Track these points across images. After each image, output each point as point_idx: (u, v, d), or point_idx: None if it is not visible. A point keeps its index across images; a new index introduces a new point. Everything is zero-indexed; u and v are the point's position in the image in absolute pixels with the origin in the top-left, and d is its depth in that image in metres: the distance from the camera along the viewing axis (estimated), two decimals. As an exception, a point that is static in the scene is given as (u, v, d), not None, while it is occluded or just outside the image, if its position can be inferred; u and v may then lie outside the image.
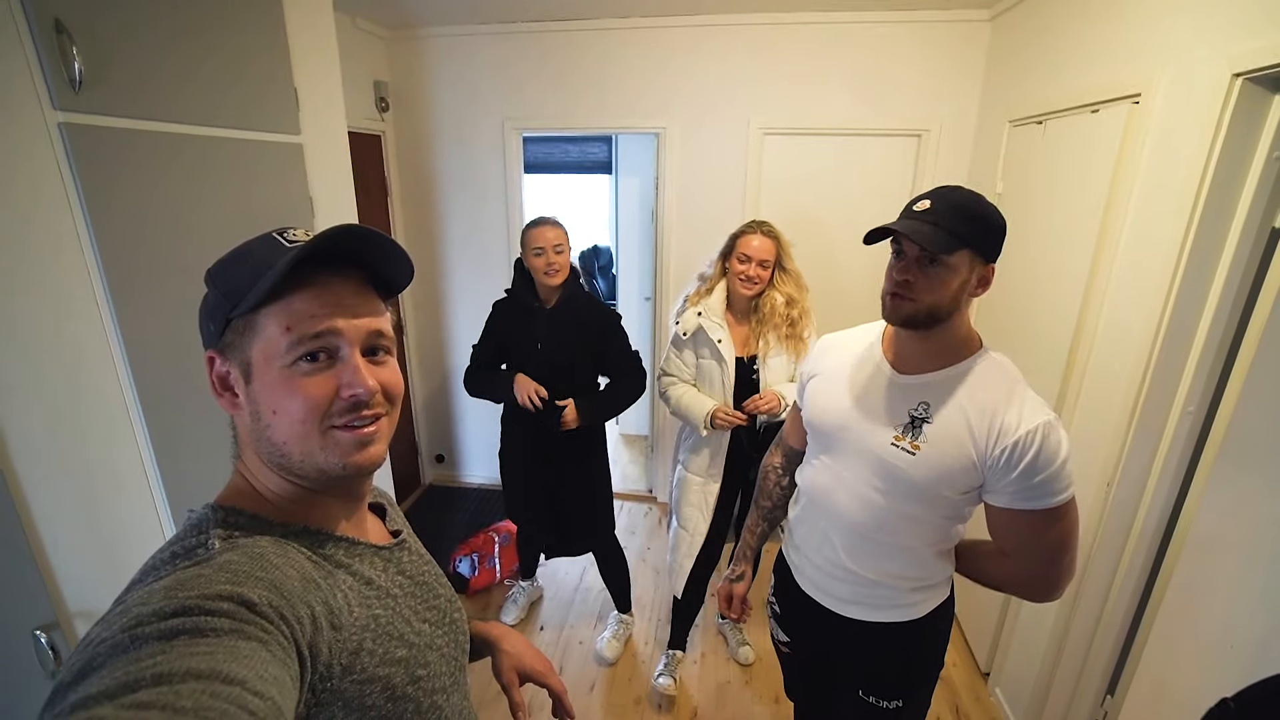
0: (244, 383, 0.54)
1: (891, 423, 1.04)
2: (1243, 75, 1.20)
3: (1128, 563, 1.54)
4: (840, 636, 1.20)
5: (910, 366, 1.05)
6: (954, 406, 0.99)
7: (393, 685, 0.56)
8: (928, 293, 0.95)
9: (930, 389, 1.02)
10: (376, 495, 0.73)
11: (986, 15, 2.37)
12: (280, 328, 0.52)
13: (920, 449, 1.01)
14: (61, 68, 1.02)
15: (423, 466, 3.49)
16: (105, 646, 0.39)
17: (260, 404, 0.53)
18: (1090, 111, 1.69)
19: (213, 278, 0.55)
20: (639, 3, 2.45)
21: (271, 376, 0.53)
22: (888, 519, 1.07)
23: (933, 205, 0.94)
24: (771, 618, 1.39)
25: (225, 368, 0.55)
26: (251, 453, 0.57)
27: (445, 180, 3.01)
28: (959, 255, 0.93)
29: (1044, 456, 0.93)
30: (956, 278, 0.94)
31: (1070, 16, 1.85)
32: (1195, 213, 1.31)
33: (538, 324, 1.93)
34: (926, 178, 2.58)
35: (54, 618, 1.07)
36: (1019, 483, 0.95)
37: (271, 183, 1.53)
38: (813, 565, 1.21)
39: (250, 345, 0.53)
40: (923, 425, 1.01)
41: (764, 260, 1.79)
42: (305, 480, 0.56)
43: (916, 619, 1.14)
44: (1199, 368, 1.37)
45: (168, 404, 1.25)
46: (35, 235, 1.03)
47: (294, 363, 0.52)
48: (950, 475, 0.99)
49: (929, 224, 0.93)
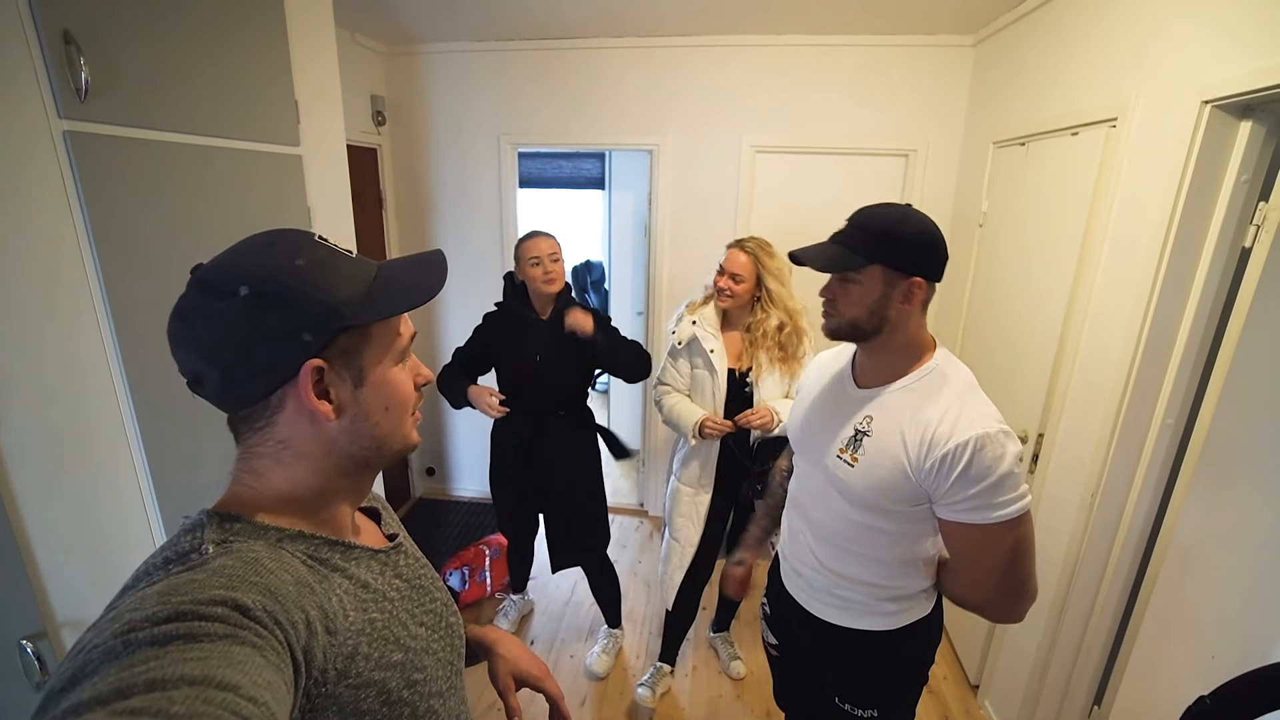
0: (353, 388, 0.56)
1: (841, 435, 1.09)
2: (1211, 102, 1.26)
3: (1112, 574, 1.57)
4: (821, 640, 1.22)
5: (866, 380, 1.11)
6: (893, 419, 1.03)
7: (388, 690, 0.55)
8: (847, 307, 1.03)
9: (875, 402, 1.07)
10: (371, 499, 0.73)
11: (970, 41, 2.45)
12: (401, 330, 0.60)
13: (859, 461, 1.05)
14: (68, 77, 1.03)
15: (413, 479, 3.47)
16: (98, 652, 0.38)
17: (370, 405, 0.57)
18: (1070, 134, 1.75)
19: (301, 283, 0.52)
20: (633, 23, 2.51)
21: (383, 375, 0.58)
22: (848, 528, 1.11)
23: (847, 226, 1.03)
24: (762, 619, 1.42)
25: (333, 375, 0.54)
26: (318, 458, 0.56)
27: (440, 194, 3.03)
28: (868, 271, 0.99)
29: (976, 469, 0.91)
30: (870, 293, 1.00)
31: (1050, 43, 1.92)
32: (1170, 233, 1.36)
33: (535, 336, 1.93)
34: (914, 196, 2.64)
35: (42, 627, 1.05)
36: (955, 494, 0.95)
37: (270, 193, 1.55)
38: (793, 568, 1.25)
39: (364, 350, 0.56)
40: (863, 438, 1.05)
41: (735, 274, 1.81)
42: (371, 466, 0.60)
43: (892, 629, 1.15)
44: (1177, 382, 1.41)
45: (163, 415, 1.25)
46: (36, 241, 1.03)
47: (401, 359, 0.60)
48: (885, 487, 1.02)
49: (837, 244, 1.01)
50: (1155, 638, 1.42)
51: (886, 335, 1.03)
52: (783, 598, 1.29)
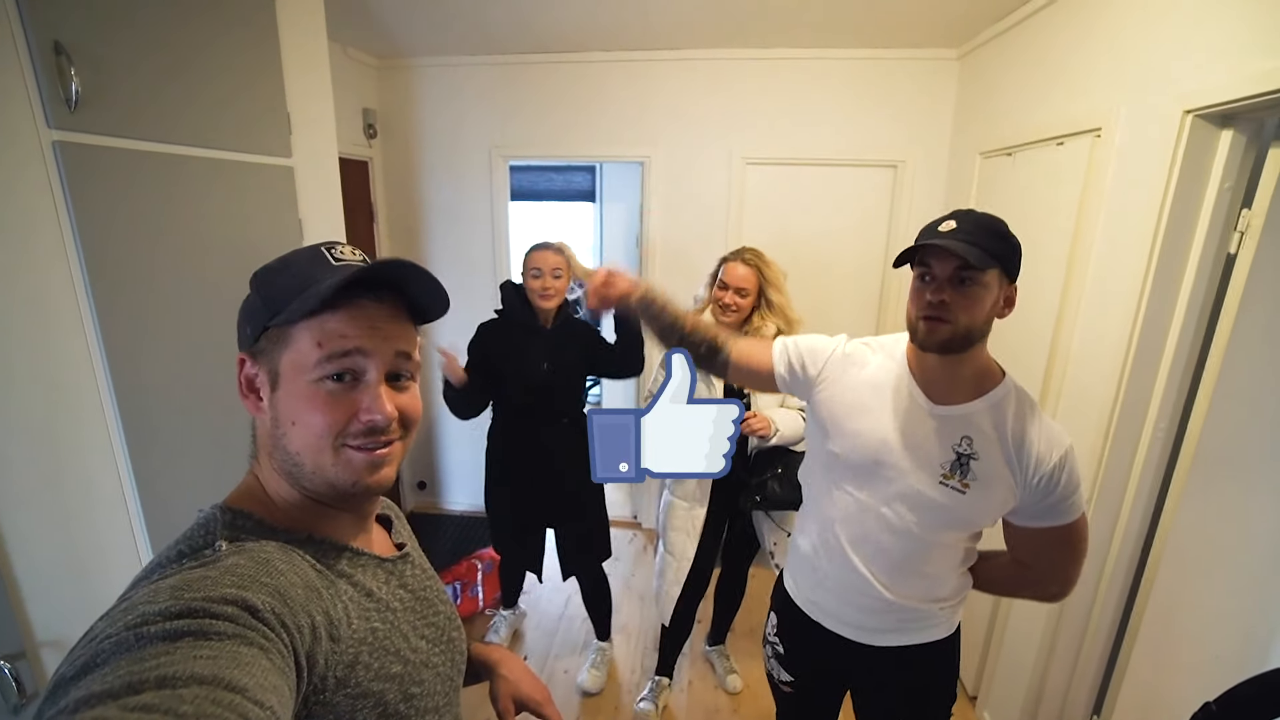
0: (269, 389, 0.55)
1: (937, 460, 1.00)
2: (1193, 112, 1.29)
3: (1109, 580, 1.57)
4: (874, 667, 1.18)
5: (944, 396, 1.01)
6: (995, 439, 0.98)
7: (385, 701, 0.55)
8: (964, 313, 0.92)
9: (970, 422, 0.99)
10: (384, 507, 0.72)
11: (955, 54, 2.50)
12: (312, 343, 0.53)
13: (970, 487, 0.99)
14: (59, 87, 1.02)
15: (404, 493, 3.43)
16: (110, 643, 0.39)
17: (281, 412, 0.54)
18: (1056, 144, 1.78)
19: (257, 282, 0.57)
20: (624, 37, 2.54)
21: (296, 388, 0.54)
22: (924, 549, 1.06)
23: (959, 225, 0.92)
24: (772, 658, 1.32)
25: (254, 371, 0.56)
26: (266, 457, 0.57)
27: (431, 206, 3.03)
28: (990, 273, 0.92)
29: (1071, 481, 0.97)
30: (990, 296, 0.93)
31: (1035, 55, 1.96)
32: (1157, 240, 1.38)
33: (539, 345, 1.92)
34: (903, 207, 2.67)
35: (21, 647, 1.02)
36: (1046, 503, 0.98)
37: (262, 204, 1.54)
38: (838, 599, 1.15)
39: (281, 355, 0.54)
40: (969, 462, 0.98)
41: (741, 289, 1.81)
42: (313, 492, 0.57)
43: (946, 637, 1.16)
44: (1168, 388, 1.42)
45: (150, 426, 1.23)
46: (23, 251, 1.02)
47: (320, 379, 0.54)
48: (995, 508, 1.02)
49: (963, 242, 0.90)
50: (1155, 642, 1.42)
51: (979, 346, 0.97)
52: (811, 636, 1.21)
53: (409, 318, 0.60)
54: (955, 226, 0.92)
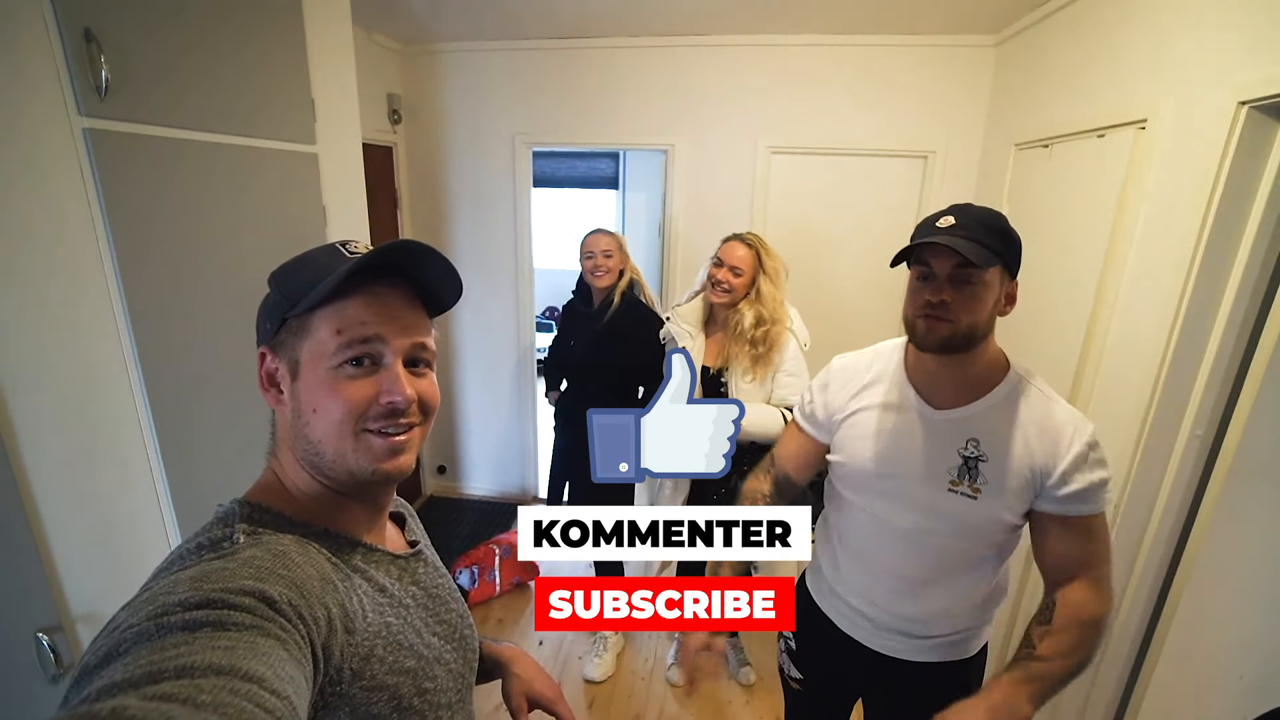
0: (290, 380, 0.56)
1: (942, 467, 0.97)
2: (1248, 104, 1.22)
3: (1134, 592, 1.52)
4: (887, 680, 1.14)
5: (945, 400, 0.98)
6: (1007, 437, 0.94)
7: (399, 695, 0.55)
8: (965, 312, 0.89)
9: (975, 423, 0.96)
10: (398, 505, 0.73)
11: (992, 41, 2.41)
12: (331, 330, 0.54)
13: (982, 491, 0.95)
14: (89, 74, 1.04)
15: (424, 477, 3.48)
16: (131, 632, 0.40)
17: (302, 401, 0.55)
18: (1096, 136, 1.70)
19: (276, 279, 0.58)
20: (650, 22, 2.50)
21: (317, 376, 0.55)
22: (944, 557, 1.02)
23: (958, 220, 0.90)
24: (785, 653, 1.31)
25: (275, 364, 0.57)
26: (287, 449, 0.58)
27: (454, 193, 3.04)
28: (992, 271, 0.89)
29: (1096, 468, 0.92)
30: (991, 295, 0.90)
31: (1075, 43, 1.88)
32: (1202, 238, 1.32)
33: (581, 326, 2.13)
34: (933, 198, 2.60)
35: (57, 620, 1.06)
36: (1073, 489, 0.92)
37: (286, 191, 1.55)
38: (854, 608, 1.13)
39: (301, 345, 0.55)
40: (978, 465, 0.95)
41: (735, 268, 1.76)
42: (333, 481, 0.57)
43: (964, 659, 1.10)
44: (1206, 391, 1.37)
45: (178, 409, 1.26)
46: (56, 234, 1.04)
47: (340, 365, 0.55)
48: (1013, 506, 0.96)
49: (962, 239, 0.87)
50: (1178, 658, 1.38)
51: (982, 345, 0.94)
52: (828, 635, 1.18)
53: (424, 306, 0.61)
54: (954, 222, 0.89)
